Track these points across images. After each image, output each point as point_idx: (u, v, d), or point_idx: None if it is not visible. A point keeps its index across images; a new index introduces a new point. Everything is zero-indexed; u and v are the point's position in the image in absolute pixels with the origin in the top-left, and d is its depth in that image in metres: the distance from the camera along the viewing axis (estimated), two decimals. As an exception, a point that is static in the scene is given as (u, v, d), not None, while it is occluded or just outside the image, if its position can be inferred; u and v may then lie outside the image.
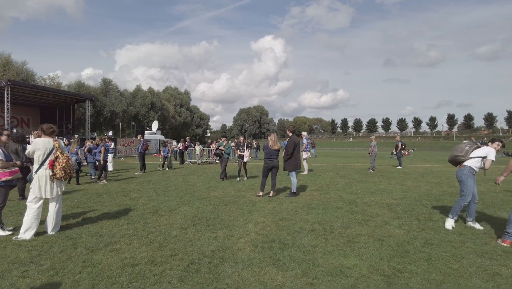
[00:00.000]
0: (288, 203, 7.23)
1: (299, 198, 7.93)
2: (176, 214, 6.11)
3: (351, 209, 6.61)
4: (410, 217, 5.93)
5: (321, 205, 6.99)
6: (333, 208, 6.75)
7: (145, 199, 7.80)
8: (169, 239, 4.55)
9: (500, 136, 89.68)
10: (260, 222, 5.50)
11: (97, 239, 4.55)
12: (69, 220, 5.64)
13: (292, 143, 7.99)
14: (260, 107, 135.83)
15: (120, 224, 5.36)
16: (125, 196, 8.26)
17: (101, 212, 6.35)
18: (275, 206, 6.84)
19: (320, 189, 9.36)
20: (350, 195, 8.34)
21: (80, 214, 6.16)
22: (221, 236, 4.69)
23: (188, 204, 7.10)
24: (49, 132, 4.89)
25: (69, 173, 4.85)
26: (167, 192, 8.80)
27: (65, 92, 29.26)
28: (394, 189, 9.51)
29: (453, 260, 3.79)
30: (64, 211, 6.32)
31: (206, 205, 6.97)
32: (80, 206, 6.94)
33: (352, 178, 12.18)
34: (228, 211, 6.41)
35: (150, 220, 5.64)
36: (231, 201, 7.41)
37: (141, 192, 8.92)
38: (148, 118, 57.74)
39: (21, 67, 41.39)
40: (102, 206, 6.96)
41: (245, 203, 7.18)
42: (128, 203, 7.29)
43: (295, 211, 6.38)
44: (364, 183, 10.75)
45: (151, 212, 6.28)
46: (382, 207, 6.89)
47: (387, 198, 7.92)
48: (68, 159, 4.84)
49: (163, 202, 7.39)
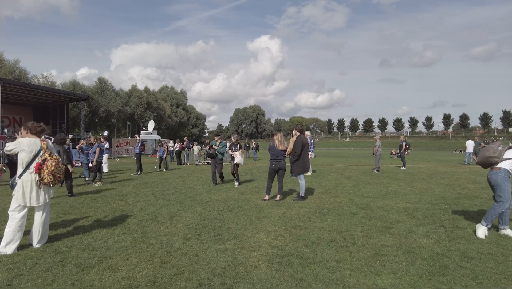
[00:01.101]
0: (298, 208, 6.71)
1: (308, 202, 7.41)
2: (177, 221, 5.55)
3: (367, 215, 6.10)
4: (434, 224, 5.43)
5: (333, 210, 6.47)
6: (347, 213, 6.24)
7: (143, 203, 7.23)
8: (172, 253, 4.00)
9: (495, 136, 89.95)
10: (271, 231, 4.97)
11: (89, 253, 3.99)
12: (59, 229, 5.06)
13: (300, 143, 7.47)
14: (257, 107, 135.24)
15: (116, 234, 4.79)
16: (121, 200, 7.69)
17: (95, 218, 5.77)
18: (284, 212, 6.31)
19: (328, 192, 8.85)
20: (361, 198, 7.83)
21: (71, 221, 5.58)
22: (231, 249, 4.15)
23: (190, 209, 6.54)
24: (36, 131, 4.31)
25: (58, 178, 4.29)
26: (166, 196, 8.24)
27: (59, 91, 28.50)
28: (405, 191, 9.03)
29: (504, 279, 3.28)
30: (54, 218, 5.75)
31: (209, 211, 6.42)
32: (72, 212, 6.36)
33: (358, 180, 11.69)
34: (234, 217, 5.86)
35: (149, 229, 5.08)
36: (236, 206, 6.87)
37: (138, 195, 8.35)
38: (144, 118, 56.97)
39: (14, 66, 40.51)
40: (96, 212, 6.38)
41: (252, 208, 6.64)
42: (125, 208, 6.71)
43: (308, 218, 5.86)
44: (373, 185, 10.26)
45: (150, 219, 5.72)
46: (399, 212, 6.39)
47: (402, 202, 7.43)
48: (57, 161, 4.26)
49: (162, 207, 6.83)
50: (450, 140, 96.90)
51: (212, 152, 10.28)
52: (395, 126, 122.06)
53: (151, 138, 35.31)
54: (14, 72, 39.62)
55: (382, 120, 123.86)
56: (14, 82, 23.65)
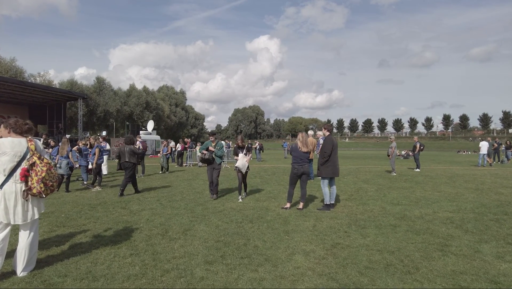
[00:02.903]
0: (328, 219, 5.85)
1: (335, 211, 6.57)
2: (192, 237, 4.69)
3: (411, 227, 5.26)
4: (497, 240, 4.60)
5: (369, 222, 5.63)
6: (386, 225, 5.40)
7: (149, 212, 6.37)
8: (194, 284, 3.14)
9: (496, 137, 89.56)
10: (309, 251, 4.11)
11: (88, 284, 3.13)
12: (51, 248, 4.19)
13: (330, 144, 6.62)
14: (256, 107, 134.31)
15: (121, 255, 3.93)
16: (123, 208, 6.82)
17: (95, 233, 4.91)
18: (314, 224, 5.46)
19: (352, 198, 8.01)
20: (393, 206, 7.00)
21: (67, 237, 4.71)
22: (268, 279, 3.29)
23: (204, 221, 5.68)
24: (21, 130, 3.44)
25: (51, 187, 3.42)
26: (174, 202, 7.38)
27: (55, 89, 27.53)
28: (435, 197, 8.21)
29: None
30: (46, 232, 4.88)
31: (226, 222, 5.56)
32: (68, 223, 5.49)
33: (378, 183, 10.86)
34: (257, 231, 5.01)
35: (160, 247, 4.22)
36: (256, 216, 6.01)
37: (143, 202, 7.48)
38: (143, 118, 55.94)
39: (10, 64, 39.38)
40: (96, 223, 5.51)
41: (275, 219, 5.78)
42: (129, 219, 5.84)
43: (344, 232, 5.01)
44: (396, 190, 9.42)
45: (159, 234, 4.86)
46: (444, 223, 5.56)
47: (440, 210, 6.60)
48: (49, 166, 3.40)
49: (171, 217, 5.96)
50: (449, 141, 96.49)
51: (208, 156, 7.91)
52: (394, 127, 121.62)
53: (151, 139, 34.38)
54: (10, 70, 38.49)
55: (382, 121, 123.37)
56: (9, 79, 22.69)
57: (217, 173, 8.11)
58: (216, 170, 8.09)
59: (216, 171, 8.06)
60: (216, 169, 8.08)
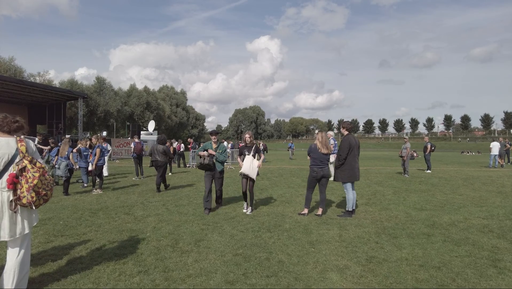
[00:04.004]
0: (353, 227, 5.32)
1: (358, 217, 6.04)
2: (207, 249, 4.16)
3: (448, 237, 4.73)
4: (551, 253, 4.06)
5: (399, 230, 5.10)
6: (419, 234, 4.87)
7: (155, 219, 5.83)
8: (216, 313, 2.61)
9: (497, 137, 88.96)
10: (343, 267, 3.58)
11: (90, 313, 2.60)
12: (46, 263, 3.66)
13: (347, 144, 6.09)
14: (257, 108, 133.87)
15: (127, 273, 3.40)
16: (127, 213, 6.29)
17: (97, 244, 4.38)
18: (340, 233, 4.92)
19: (370, 203, 7.48)
20: (418, 212, 6.47)
21: (65, 249, 4.17)
22: (304, 304, 2.76)
23: (216, 229, 5.15)
24: (10, 128, 2.90)
25: (44, 196, 2.87)
26: (181, 207, 6.84)
27: (55, 88, 26.97)
28: (459, 201, 7.69)
29: None
30: (42, 242, 4.36)
31: (242, 231, 5.03)
32: (67, 232, 4.96)
33: (393, 186, 10.34)
34: (279, 242, 4.47)
35: (171, 262, 3.69)
36: (273, 224, 5.48)
37: (147, 207, 6.95)
38: (144, 118, 55.43)
39: (9, 64, 38.90)
40: (97, 232, 4.98)
41: (294, 228, 5.25)
42: (134, 226, 5.31)
43: (376, 242, 4.48)
44: (414, 193, 8.90)
45: (169, 245, 4.32)
46: (483, 232, 5.03)
47: (471, 216, 6.07)
48: (43, 172, 2.86)
49: (180, 224, 5.43)
50: (451, 141, 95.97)
51: (208, 161, 6.45)
52: (395, 127, 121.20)
53: (152, 139, 33.85)
54: (9, 70, 37.99)
55: (383, 122, 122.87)
56: (7, 78, 22.19)
57: (220, 183, 6.77)
58: (218, 178, 6.72)
59: (218, 180, 6.72)
60: (217, 177, 6.70)
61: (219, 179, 6.74)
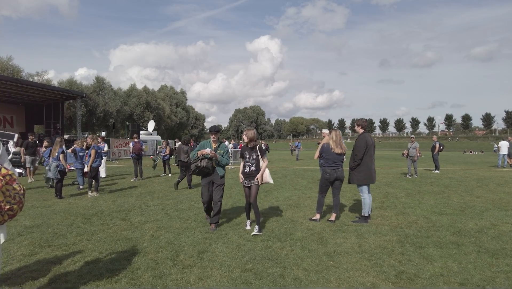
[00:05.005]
0: (372, 235, 4.82)
1: (374, 223, 5.54)
2: (211, 263, 3.66)
3: (480, 246, 4.23)
4: None
5: (423, 238, 4.60)
6: (447, 243, 4.37)
7: (153, 225, 5.33)
8: None
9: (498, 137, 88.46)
10: (370, 285, 3.08)
11: None
12: (25, 282, 3.15)
13: (363, 143, 5.60)
14: (257, 108, 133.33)
15: (119, 294, 2.90)
16: (123, 219, 5.79)
17: (87, 256, 3.88)
18: (359, 243, 4.42)
19: (385, 206, 6.99)
20: (438, 217, 5.97)
21: (49, 263, 3.67)
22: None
23: (221, 238, 4.66)
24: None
25: (8, 210, 2.30)
26: (181, 212, 6.35)
27: (52, 87, 26.48)
28: (478, 204, 7.20)
29: None
30: (25, 255, 3.86)
31: (249, 240, 4.53)
32: (55, 242, 4.46)
33: (403, 187, 9.84)
34: (292, 254, 3.97)
35: (172, 281, 3.19)
36: (283, 232, 4.98)
37: (145, 211, 6.45)
38: (143, 118, 54.91)
39: (7, 63, 38.45)
40: (89, 241, 4.48)
41: (307, 236, 4.75)
42: (130, 234, 4.81)
43: (401, 254, 3.98)
44: (429, 195, 8.41)
45: (168, 258, 3.82)
46: (516, 240, 4.53)
47: (498, 222, 5.57)
48: (10, 180, 2.34)
49: (181, 232, 4.93)
50: (452, 141, 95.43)
51: (207, 164, 5.05)
52: (396, 127, 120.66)
53: (152, 139, 33.34)
54: (7, 69, 37.55)
55: (383, 121, 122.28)
56: (3, 77, 21.65)
57: (221, 192, 5.25)
58: (218, 186, 5.22)
59: (218, 189, 5.21)
60: (218, 184, 5.22)
61: (220, 187, 5.24)
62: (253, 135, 5.06)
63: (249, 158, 5.05)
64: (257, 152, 5.05)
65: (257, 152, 5.05)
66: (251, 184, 5.02)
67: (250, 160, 5.04)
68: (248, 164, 5.06)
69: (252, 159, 5.03)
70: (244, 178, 5.12)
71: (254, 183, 5.00)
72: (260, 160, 5.07)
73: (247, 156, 5.07)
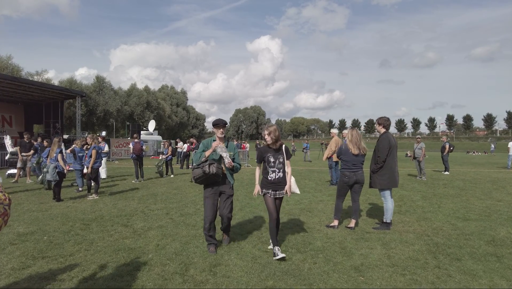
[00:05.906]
0: (398, 244, 4.39)
1: (397, 230, 5.11)
2: (227, 280, 3.23)
3: (523, 260, 3.80)
4: None
5: (456, 248, 4.17)
6: (484, 255, 3.94)
7: (158, 232, 4.90)
8: None
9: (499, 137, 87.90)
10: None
11: None
12: (16, 304, 2.73)
13: (387, 144, 5.17)
14: (257, 108, 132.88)
15: (122, 321, 2.47)
16: (125, 225, 5.36)
17: (85, 270, 3.45)
18: (387, 254, 3.99)
19: (403, 211, 6.56)
20: (464, 223, 5.54)
21: (42, 278, 3.24)
22: None
23: (234, 248, 4.23)
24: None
25: None
26: (187, 217, 5.92)
27: (52, 86, 26.03)
28: (503, 209, 6.79)
29: None
30: (16, 268, 3.43)
31: (265, 251, 4.10)
32: (50, 252, 4.02)
33: (417, 190, 9.41)
34: (316, 268, 3.54)
35: (182, 302, 2.76)
36: (301, 241, 4.55)
37: (148, 216, 6.02)
38: (144, 118, 54.50)
39: (6, 62, 38.01)
40: (87, 252, 4.05)
41: (328, 246, 4.31)
42: (132, 244, 4.38)
43: (437, 267, 3.55)
44: (446, 198, 7.98)
45: (177, 273, 3.39)
46: (560, 251, 4.10)
47: (530, 229, 5.14)
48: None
49: (188, 241, 4.50)
50: (453, 141, 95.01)
51: (217, 170, 3.99)
52: (397, 127, 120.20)
53: (152, 139, 32.92)
54: (6, 68, 37.12)
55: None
56: (2, 75, 21.18)
57: (231, 205, 4.28)
58: (228, 198, 4.23)
59: (226, 202, 4.22)
60: (228, 195, 4.23)
61: (230, 198, 4.24)
62: (278, 134, 4.07)
63: (274, 162, 4.01)
64: (283, 154, 4.08)
65: (283, 154, 4.08)
66: (279, 195, 4.05)
67: (276, 165, 4.01)
68: (273, 169, 4.00)
69: (278, 163, 4.01)
70: (266, 188, 4.02)
71: (282, 194, 4.08)
72: (286, 164, 4.12)
73: (272, 160, 4.01)
